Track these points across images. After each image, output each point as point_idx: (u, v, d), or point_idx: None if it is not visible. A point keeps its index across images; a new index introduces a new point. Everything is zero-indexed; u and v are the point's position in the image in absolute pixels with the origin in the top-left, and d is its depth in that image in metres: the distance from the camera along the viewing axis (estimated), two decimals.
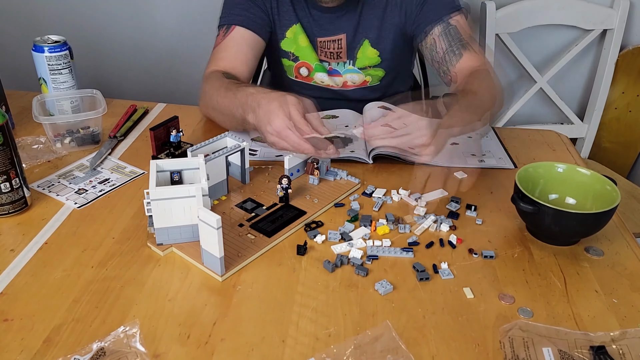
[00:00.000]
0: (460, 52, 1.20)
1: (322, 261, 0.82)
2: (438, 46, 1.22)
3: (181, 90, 2.17)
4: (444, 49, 1.22)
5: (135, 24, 2.09)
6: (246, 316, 0.73)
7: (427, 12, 1.23)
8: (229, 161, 0.97)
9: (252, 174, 1.03)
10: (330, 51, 1.31)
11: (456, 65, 1.21)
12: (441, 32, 1.21)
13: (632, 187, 1.80)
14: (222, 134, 0.99)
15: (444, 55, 1.22)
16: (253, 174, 1.03)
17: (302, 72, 1.36)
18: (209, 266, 0.79)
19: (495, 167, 1.10)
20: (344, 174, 1.03)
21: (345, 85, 1.36)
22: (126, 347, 0.66)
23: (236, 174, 1.01)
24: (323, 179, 1.02)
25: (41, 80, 1.18)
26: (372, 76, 1.35)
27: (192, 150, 0.93)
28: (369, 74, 1.34)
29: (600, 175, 0.90)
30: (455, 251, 0.86)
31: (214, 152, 0.93)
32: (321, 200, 0.96)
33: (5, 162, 0.87)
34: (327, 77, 1.36)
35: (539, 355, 0.67)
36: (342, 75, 1.35)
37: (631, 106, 2.02)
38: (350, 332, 0.70)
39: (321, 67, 1.34)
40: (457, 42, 1.21)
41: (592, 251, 0.86)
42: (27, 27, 2.13)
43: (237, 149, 0.96)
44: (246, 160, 0.99)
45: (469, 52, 1.20)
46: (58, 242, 0.86)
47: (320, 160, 1.01)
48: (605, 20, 1.87)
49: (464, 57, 1.20)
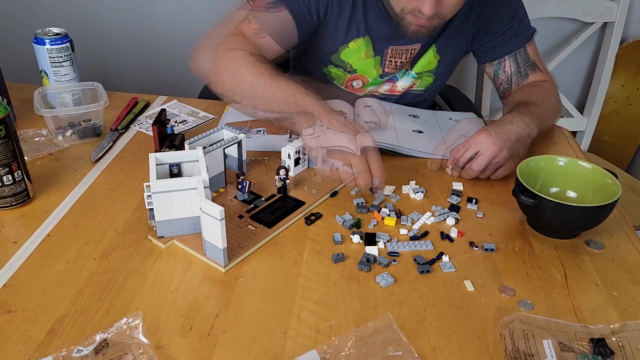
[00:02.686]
0: (527, 73, 1.23)
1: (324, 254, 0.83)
2: (506, 67, 1.24)
3: (182, 82, 2.17)
4: (512, 72, 1.24)
5: (136, 17, 2.09)
6: (248, 308, 0.73)
7: (507, 40, 1.22)
8: (226, 153, 0.97)
9: (248, 166, 1.03)
10: (401, 61, 1.22)
11: (520, 85, 1.24)
12: (512, 55, 1.23)
13: (632, 180, 1.80)
14: (218, 127, 0.99)
15: (511, 76, 1.24)
16: (250, 166, 1.04)
17: (355, 84, 1.27)
18: (211, 257, 0.80)
19: None
20: (340, 164, 1.03)
21: (392, 91, 1.29)
22: (129, 339, 0.67)
23: (233, 166, 1.01)
24: (319, 169, 1.03)
25: (42, 72, 1.18)
26: (422, 80, 1.29)
27: (189, 143, 0.93)
28: (421, 78, 1.28)
29: (601, 169, 0.91)
30: (455, 244, 0.86)
31: (210, 145, 0.93)
32: (319, 191, 0.97)
33: (7, 155, 0.87)
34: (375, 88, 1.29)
35: (539, 348, 0.67)
36: (396, 82, 1.28)
37: (631, 99, 2.02)
38: (352, 324, 0.71)
39: (378, 82, 1.26)
40: (525, 64, 1.23)
41: (593, 244, 0.87)
42: (28, 19, 2.13)
43: (235, 141, 0.96)
44: (243, 152, 0.99)
45: (535, 73, 1.23)
46: (60, 234, 0.86)
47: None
48: (606, 13, 1.87)
49: (530, 77, 1.23)
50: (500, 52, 1.24)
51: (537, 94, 1.16)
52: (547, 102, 1.15)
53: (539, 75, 1.23)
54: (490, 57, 1.26)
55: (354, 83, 1.27)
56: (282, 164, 0.98)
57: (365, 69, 1.24)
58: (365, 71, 1.24)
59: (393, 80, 1.28)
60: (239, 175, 0.96)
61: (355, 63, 1.22)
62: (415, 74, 1.27)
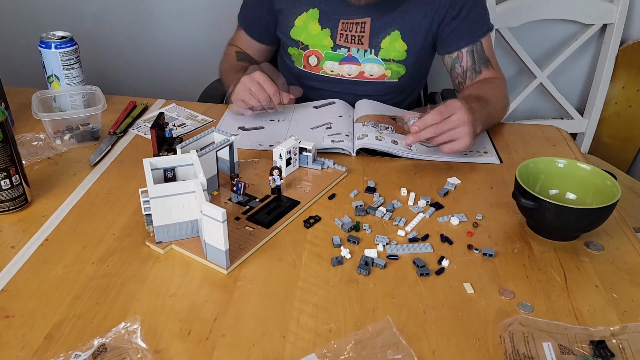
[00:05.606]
0: (481, 69, 1.26)
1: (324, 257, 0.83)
2: (463, 61, 1.27)
3: (180, 86, 2.17)
4: (467, 66, 1.27)
5: (134, 21, 2.09)
6: (247, 312, 0.73)
7: (462, 31, 1.25)
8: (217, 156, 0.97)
9: (239, 168, 1.03)
10: (352, 34, 1.28)
11: (473, 80, 1.27)
12: (468, 49, 1.26)
13: (632, 182, 1.80)
14: (209, 129, 0.99)
15: (466, 71, 1.27)
16: (241, 168, 1.04)
17: (311, 61, 1.34)
18: (213, 260, 0.79)
19: (480, 162, 1.09)
20: (331, 162, 1.05)
21: (361, 76, 1.33)
22: (127, 343, 0.67)
23: (224, 169, 1.01)
24: (310, 168, 1.04)
25: (53, 77, 1.18)
26: (393, 71, 1.32)
27: (181, 147, 0.93)
28: (390, 68, 1.31)
29: (601, 171, 0.90)
30: (455, 247, 0.86)
31: (202, 149, 0.92)
32: (312, 189, 0.98)
33: (5, 159, 0.87)
34: (338, 66, 1.32)
35: (539, 350, 0.67)
36: (361, 64, 1.32)
37: (631, 101, 2.01)
38: (351, 328, 0.70)
39: (332, 55, 1.31)
40: (480, 60, 1.26)
41: (592, 246, 0.87)
42: (24, 24, 2.13)
43: (226, 144, 0.96)
44: (235, 154, 0.99)
45: (488, 69, 1.27)
46: (58, 238, 0.86)
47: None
48: (605, 15, 1.87)
49: (482, 73, 1.27)
50: (456, 41, 1.26)
51: (487, 90, 1.19)
52: (496, 98, 1.19)
53: (491, 72, 1.27)
54: (447, 48, 1.28)
55: (310, 60, 1.34)
56: (274, 165, 0.99)
57: (316, 42, 1.31)
58: (316, 44, 1.31)
59: (354, 62, 1.31)
60: (233, 177, 0.95)
61: (306, 39, 1.31)
62: (382, 59, 1.30)
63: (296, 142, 1.01)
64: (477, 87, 1.23)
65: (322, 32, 1.29)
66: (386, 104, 1.29)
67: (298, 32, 1.31)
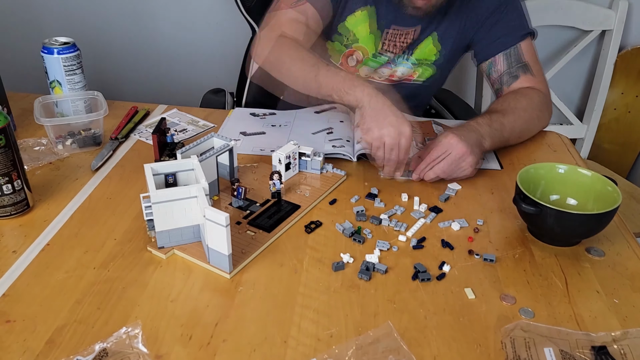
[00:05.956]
0: (518, 74, 1.20)
1: (325, 262, 0.83)
2: (498, 65, 1.22)
3: (182, 91, 2.17)
4: (502, 70, 1.21)
5: (136, 26, 2.10)
6: (248, 317, 0.73)
7: (499, 35, 1.20)
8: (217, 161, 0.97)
9: (239, 173, 1.04)
10: (400, 43, 1.24)
11: (510, 87, 1.21)
12: (503, 53, 1.21)
13: (632, 187, 1.80)
14: (209, 135, 0.99)
15: (502, 75, 1.22)
16: (240, 173, 1.04)
17: (350, 61, 1.28)
18: (216, 265, 0.80)
19: (481, 168, 1.09)
20: (330, 167, 1.05)
21: (389, 79, 1.29)
22: (128, 348, 0.67)
23: (224, 174, 1.01)
24: (310, 172, 1.05)
25: (54, 82, 1.18)
26: (422, 72, 1.29)
27: (181, 152, 0.93)
28: (421, 68, 1.28)
29: (601, 176, 0.91)
30: (456, 252, 0.86)
31: (202, 154, 0.93)
32: (312, 194, 0.98)
33: (7, 164, 0.87)
34: (372, 71, 1.29)
35: (540, 356, 0.67)
36: (394, 67, 1.28)
37: (630, 107, 2.02)
38: (352, 333, 0.70)
39: (374, 62, 1.27)
40: (516, 65, 1.20)
41: (593, 252, 0.87)
42: (27, 30, 2.13)
43: (226, 149, 0.96)
44: (235, 159, 0.99)
45: (527, 75, 1.20)
46: (60, 243, 0.86)
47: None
48: (604, 21, 1.88)
49: (520, 79, 1.20)
50: (492, 46, 1.22)
51: (511, 101, 1.14)
52: (522, 110, 1.13)
53: (530, 79, 1.20)
54: (484, 56, 1.24)
55: (349, 60, 1.28)
56: (273, 169, 0.99)
57: (366, 42, 1.24)
58: (365, 43, 1.25)
59: (388, 66, 1.28)
60: (234, 182, 0.96)
61: (359, 32, 1.24)
62: (415, 60, 1.27)
63: (295, 146, 1.02)
64: (501, 99, 1.18)
65: (369, 36, 1.24)
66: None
67: (355, 23, 1.23)
